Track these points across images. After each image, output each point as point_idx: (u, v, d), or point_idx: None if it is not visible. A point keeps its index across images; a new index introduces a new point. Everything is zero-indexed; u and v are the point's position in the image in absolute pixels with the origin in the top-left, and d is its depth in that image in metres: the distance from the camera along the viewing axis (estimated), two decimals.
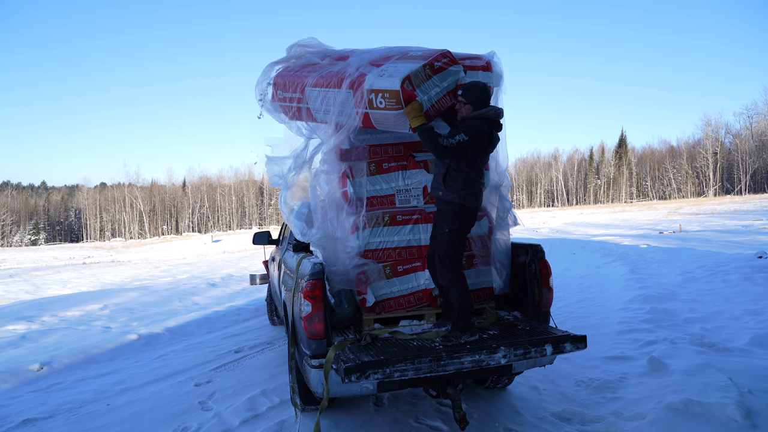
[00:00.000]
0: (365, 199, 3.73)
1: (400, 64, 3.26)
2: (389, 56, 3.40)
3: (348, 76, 3.38)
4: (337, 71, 3.52)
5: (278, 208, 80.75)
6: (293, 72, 3.92)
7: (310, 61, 3.94)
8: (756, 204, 35.77)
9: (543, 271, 3.66)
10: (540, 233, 25.13)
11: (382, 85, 3.19)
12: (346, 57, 3.64)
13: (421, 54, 3.32)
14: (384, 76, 3.23)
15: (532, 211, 61.63)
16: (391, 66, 3.26)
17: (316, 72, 3.70)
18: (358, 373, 2.77)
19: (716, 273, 8.23)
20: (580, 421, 3.54)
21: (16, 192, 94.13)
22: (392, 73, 3.19)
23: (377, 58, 3.42)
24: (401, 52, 3.42)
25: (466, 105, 3.29)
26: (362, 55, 3.52)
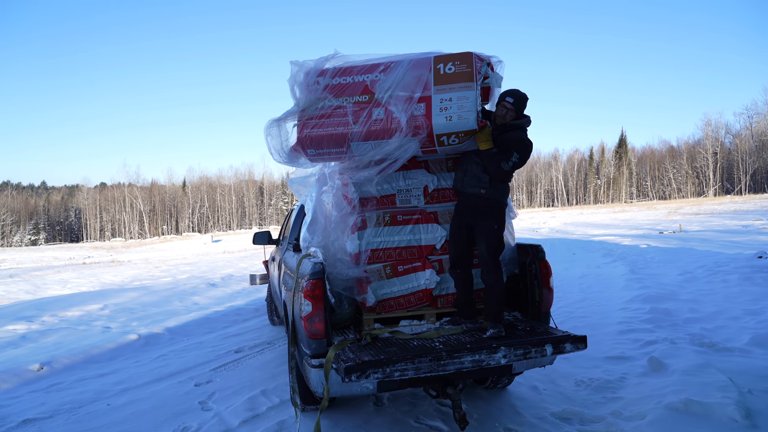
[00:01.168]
0: (366, 198, 3.74)
1: (456, 93, 3.31)
2: (424, 81, 3.36)
3: (401, 125, 3.32)
4: (383, 118, 3.38)
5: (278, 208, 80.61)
6: (324, 128, 3.47)
7: (330, 105, 3.51)
8: (756, 204, 35.76)
9: (543, 271, 3.66)
10: (540, 233, 25.13)
11: (456, 127, 3.31)
12: (370, 91, 3.46)
13: (463, 72, 3.34)
14: (452, 117, 3.30)
15: (532, 211, 61.62)
16: (451, 102, 3.32)
17: (356, 122, 3.42)
18: (358, 373, 2.77)
19: (716, 273, 8.23)
20: (580, 421, 3.54)
21: (16, 192, 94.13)
22: (461, 113, 3.28)
23: (413, 85, 3.39)
24: (436, 72, 3.38)
25: (512, 111, 3.50)
26: (393, 89, 3.42)
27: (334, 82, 3.49)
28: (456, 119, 3.30)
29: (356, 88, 3.47)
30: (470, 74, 3.33)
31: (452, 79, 3.33)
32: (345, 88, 3.48)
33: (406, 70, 3.41)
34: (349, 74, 3.49)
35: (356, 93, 3.46)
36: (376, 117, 3.39)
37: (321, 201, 3.87)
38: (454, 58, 3.37)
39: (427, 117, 3.32)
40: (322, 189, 3.90)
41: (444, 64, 3.36)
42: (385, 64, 3.46)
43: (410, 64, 3.42)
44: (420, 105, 3.35)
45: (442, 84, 3.34)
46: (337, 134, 3.41)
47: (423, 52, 3.54)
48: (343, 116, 3.44)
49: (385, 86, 3.41)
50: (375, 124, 3.38)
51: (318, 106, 3.50)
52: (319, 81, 3.49)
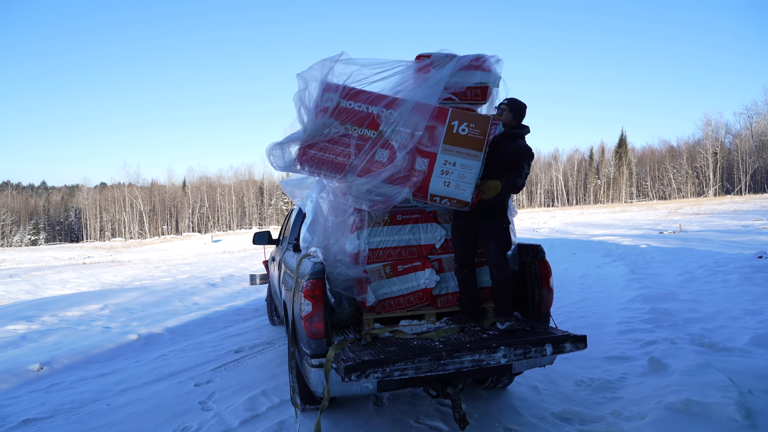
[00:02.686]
0: None
1: (461, 160, 3.32)
2: (436, 135, 3.35)
3: (406, 180, 3.35)
4: (385, 162, 3.38)
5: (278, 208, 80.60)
6: (325, 153, 3.47)
7: (336, 132, 3.48)
8: (756, 204, 35.77)
9: (543, 271, 3.66)
10: (540, 233, 25.14)
11: (451, 194, 3.36)
12: (376, 124, 3.44)
13: (475, 138, 3.33)
14: (450, 183, 3.34)
15: (532, 211, 61.63)
16: (454, 168, 3.33)
17: (357, 155, 3.42)
18: (358, 372, 2.76)
19: (716, 273, 8.23)
20: (580, 421, 3.54)
21: (16, 192, 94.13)
22: (460, 182, 3.32)
23: (422, 128, 3.38)
24: (449, 128, 3.37)
25: (509, 113, 3.59)
26: (402, 129, 3.40)
27: (343, 105, 3.44)
28: (453, 187, 3.34)
29: (364, 118, 3.44)
30: (481, 143, 3.32)
31: (463, 142, 3.33)
32: (352, 116, 3.45)
33: (419, 112, 3.39)
34: (359, 100, 3.45)
35: (363, 125, 3.44)
36: (378, 158, 3.40)
37: (320, 202, 3.87)
38: (471, 119, 3.35)
39: (428, 176, 3.34)
40: (321, 190, 3.90)
41: (459, 123, 3.34)
42: (396, 98, 3.45)
43: (425, 109, 3.40)
44: (424, 160, 3.35)
45: (451, 144, 3.34)
46: (337, 163, 3.44)
47: (441, 82, 3.51)
48: (346, 146, 3.44)
49: (391, 119, 3.41)
50: (376, 165, 3.39)
51: (323, 132, 3.48)
52: (332, 98, 3.44)
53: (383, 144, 3.41)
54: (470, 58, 3.70)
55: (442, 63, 3.63)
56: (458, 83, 3.70)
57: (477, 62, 3.73)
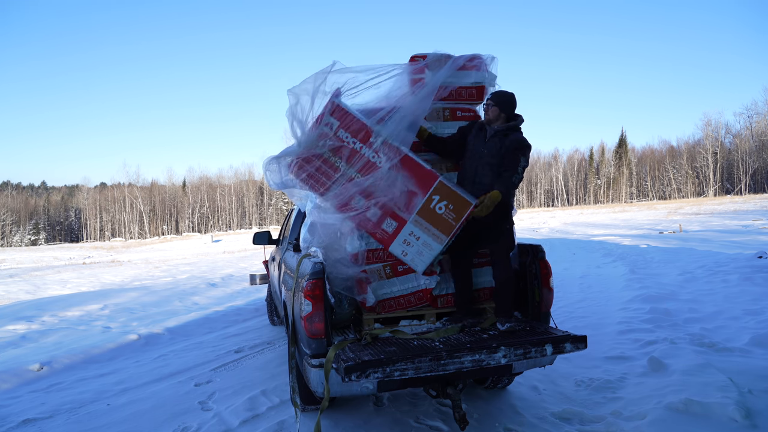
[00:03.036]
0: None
1: (426, 237, 3.35)
2: (414, 202, 3.37)
3: (371, 230, 3.44)
4: (362, 217, 3.45)
5: (278, 208, 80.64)
6: (318, 170, 3.55)
7: (331, 145, 3.50)
8: (756, 204, 35.77)
9: (543, 271, 3.65)
10: (540, 233, 25.14)
11: (406, 261, 3.45)
12: (368, 134, 3.46)
13: (448, 220, 3.33)
14: (407, 254, 3.41)
15: (532, 211, 61.62)
16: (417, 242, 3.39)
17: (341, 187, 3.49)
18: (358, 373, 2.76)
19: (716, 273, 8.23)
20: (580, 421, 3.54)
21: (16, 192, 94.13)
22: (415, 257, 3.39)
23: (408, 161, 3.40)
24: (428, 200, 3.37)
25: (494, 107, 3.53)
26: (391, 153, 3.40)
27: (340, 134, 3.46)
28: (409, 258, 3.39)
29: (358, 130, 3.45)
30: (451, 228, 3.33)
31: (435, 221, 3.33)
32: (346, 129, 3.47)
33: (407, 169, 3.39)
34: (350, 130, 3.45)
35: (357, 135, 3.45)
36: (354, 204, 3.45)
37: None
38: (453, 200, 3.33)
39: (390, 237, 3.38)
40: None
41: (440, 199, 3.33)
42: (391, 146, 3.44)
43: (414, 167, 3.40)
44: (393, 223, 3.38)
45: (423, 218, 3.34)
46: (322, 183, 3.50)
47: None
48: (334, 170, 3.48)
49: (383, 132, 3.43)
50: (351, 208, 3.46)
51: (318, 144, 3.47)
52: (331, 123, 3.44)
53: (364, 192, 3.43)
54: (465, 59, 3.70)
55: (437, 66, 3.61)
56: (453, 83, 3.71)
57: (472, 62, 3.73)
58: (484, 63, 3.77)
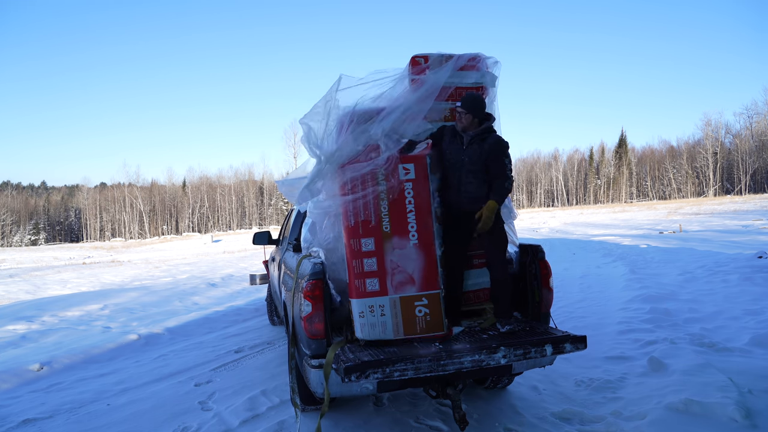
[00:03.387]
0: None
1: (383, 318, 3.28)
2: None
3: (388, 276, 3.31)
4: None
5: (278, 208, 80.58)
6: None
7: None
8: (756, 204, 35.78)
9: (543, 271, 3.65)
10: (540, 233, 25.14)
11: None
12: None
13: (430, 321, 3.27)
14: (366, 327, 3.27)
15: (532, 211, 61.63)
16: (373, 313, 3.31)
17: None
18: (357, 373, 2.76)
19: (716, 273, 8.23)
20: (580, 421, 3.54)
21: (16, 192, 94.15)
22: (389, 328, 3.25)
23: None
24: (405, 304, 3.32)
25: (467, 114, 3.46)
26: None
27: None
28: (360, 321, 3.22)
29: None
30: (412, 332, 3.23)
31: (407, 315, 3.23)
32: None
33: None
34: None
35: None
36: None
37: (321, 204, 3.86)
38: (434, 312, 3.26)
39: (362, 293, 3.24)
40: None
41: (427, 304, 3.26)
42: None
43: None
44: (375, 284, 3.24)
45: (401, 305, 3.24)
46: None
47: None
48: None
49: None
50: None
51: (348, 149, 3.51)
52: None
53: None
54: (466, 59, 3.70)
55: (438, 66, 3.61)
56: (454, 83, 3.70)
57: (473, 62, 3.72)
58: (485, 63, 3.77)
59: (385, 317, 3.21)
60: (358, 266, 3.25)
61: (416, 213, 3.33)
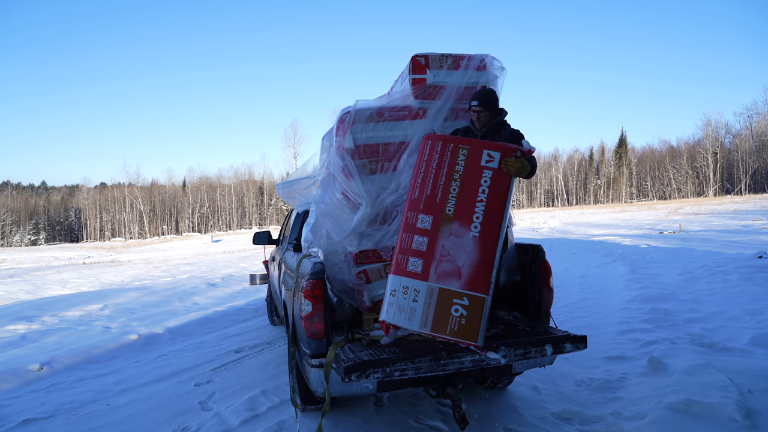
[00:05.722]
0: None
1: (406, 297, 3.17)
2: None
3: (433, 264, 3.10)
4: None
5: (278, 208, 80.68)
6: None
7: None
8: (756, 204, 35.77)
9: (543, 271, 3.65)
10: (540, 233, 25.14)
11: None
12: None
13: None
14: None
15: (532, 211, 61.62)
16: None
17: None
18: (358, 373, 2.76)
19: (716, 273, 8.23)
20: (580, 421, 3.54)
21: (16, 192, 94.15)
22: (418, 316, 3.06)
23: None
24: None
25: (483, 113, 3.46)
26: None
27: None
28: (388, 302, 3.03)
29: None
30: (442, 332, 3.01)
31: (440, 312, 2.98)
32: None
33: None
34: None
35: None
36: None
37: (323, 201, 3.87)
38: (473, 316, 2.97)
39: (401, 271, 3.05)
40: (325, 190, 3.90)
41: (468, 305, 2.95)
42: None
43: None
44: (418, 263, 3.03)
45: (439, 298, 2.97)
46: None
47: None
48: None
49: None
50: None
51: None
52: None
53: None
54: (478, 60, 3.72)
55: (454, 80, 3.69)
56: (463, 84, 3.74)
57: (482, 63, 3.74)
58: (486, 63, 3.78)
59: (416, 304, 2.96)
60: (406, 241, 3.02)
61: (486, 204, 3.05)
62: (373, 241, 3.68)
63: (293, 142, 64.13)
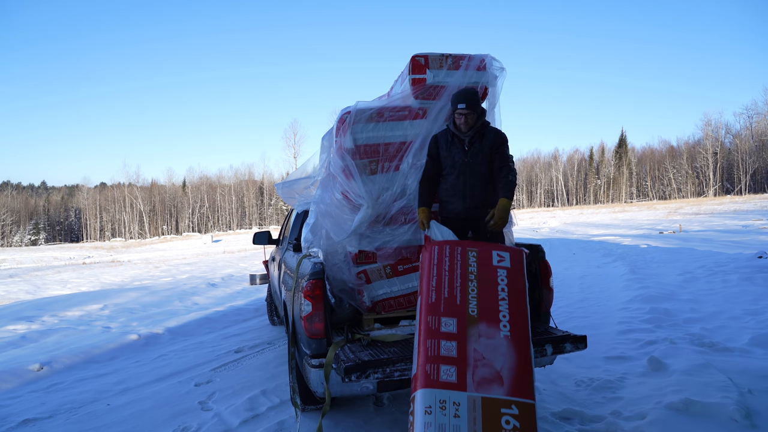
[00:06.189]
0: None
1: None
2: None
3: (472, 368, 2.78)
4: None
5: (278, 208, 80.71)
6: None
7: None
8: (756, 204, 35.78)
9: (543, 271, 3.65)
10: (540, 233, 25.15)
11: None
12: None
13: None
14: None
15: (532, 211, 61.63)
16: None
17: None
18: (358, 373, 2.76)
19: (716, 273, 8.23)
20: (580, 421, 3.53)
21: (16, 192, 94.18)
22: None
23: None
24: None
25: (471, 114, 3.39)
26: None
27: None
28: (426, 419, 2.47)
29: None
30: None
31: (490, 425, 2.49)
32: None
33: None
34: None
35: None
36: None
37: (323, 201, 3.87)
38: (520, 416, 2.52)
39: (433, 383, 2.57)
40: (325, 191, 3.90)
41: (518, 415, 2.53)
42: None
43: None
44: (452, 371, 2.61)
45: (483, 411, 2.51)
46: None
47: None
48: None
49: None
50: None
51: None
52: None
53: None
54: (478, 60, 3.72)
55: (454, 80, 3.69)
56: (464, 84, 3.74)
57: (474, 63, 3.74)
58: (486, 63, 3.79)
59: (459, 420, 2.48)
60: (432, 347, 2.64)
61: (509, 302, 2.87)
62: (373, 242, 3.68)
63: (293, 142, 64.20)
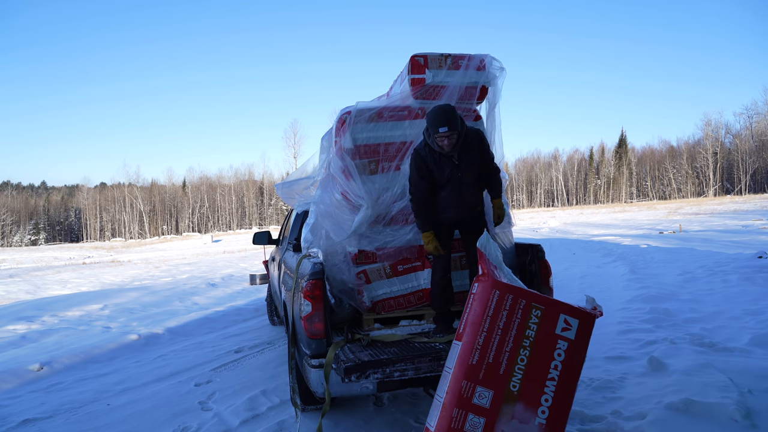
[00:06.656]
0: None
1: None
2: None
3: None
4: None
5: (278, 208, 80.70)
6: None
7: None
8: (756, 204, 35.77)
9: (543, 271, 3.65)
10: (540, 233, 25.15)
11: None
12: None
13: None
14: None
15: (532, 211, 61.64)
16: None
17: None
18: (358, 373, 2.77)
19: (716, 273, 8.23)
20: (580, 421, 3.53)
21: (16, 192, 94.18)
22: None
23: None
24: None
25: (453, 135, 3.20)
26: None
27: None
28: None
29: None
30: None
31: None
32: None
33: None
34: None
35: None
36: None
37: (322, 202, 3.87)
38: None
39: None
40: (325, 191, 3.90)
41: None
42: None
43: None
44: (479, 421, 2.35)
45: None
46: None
47: None
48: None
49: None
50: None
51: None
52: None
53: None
54: (478, 59, 3.72)
55: (456, 80, 3.70)
56: (464, 84, 3.74)
57: (482, 63, 3.74)
58: (486, 63, 3.79)
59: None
60: (458, 419, 2.31)
61: (558, 384, 2.41)
62: (373, 242, 3.68)
63: (293, 142, 64.20)
